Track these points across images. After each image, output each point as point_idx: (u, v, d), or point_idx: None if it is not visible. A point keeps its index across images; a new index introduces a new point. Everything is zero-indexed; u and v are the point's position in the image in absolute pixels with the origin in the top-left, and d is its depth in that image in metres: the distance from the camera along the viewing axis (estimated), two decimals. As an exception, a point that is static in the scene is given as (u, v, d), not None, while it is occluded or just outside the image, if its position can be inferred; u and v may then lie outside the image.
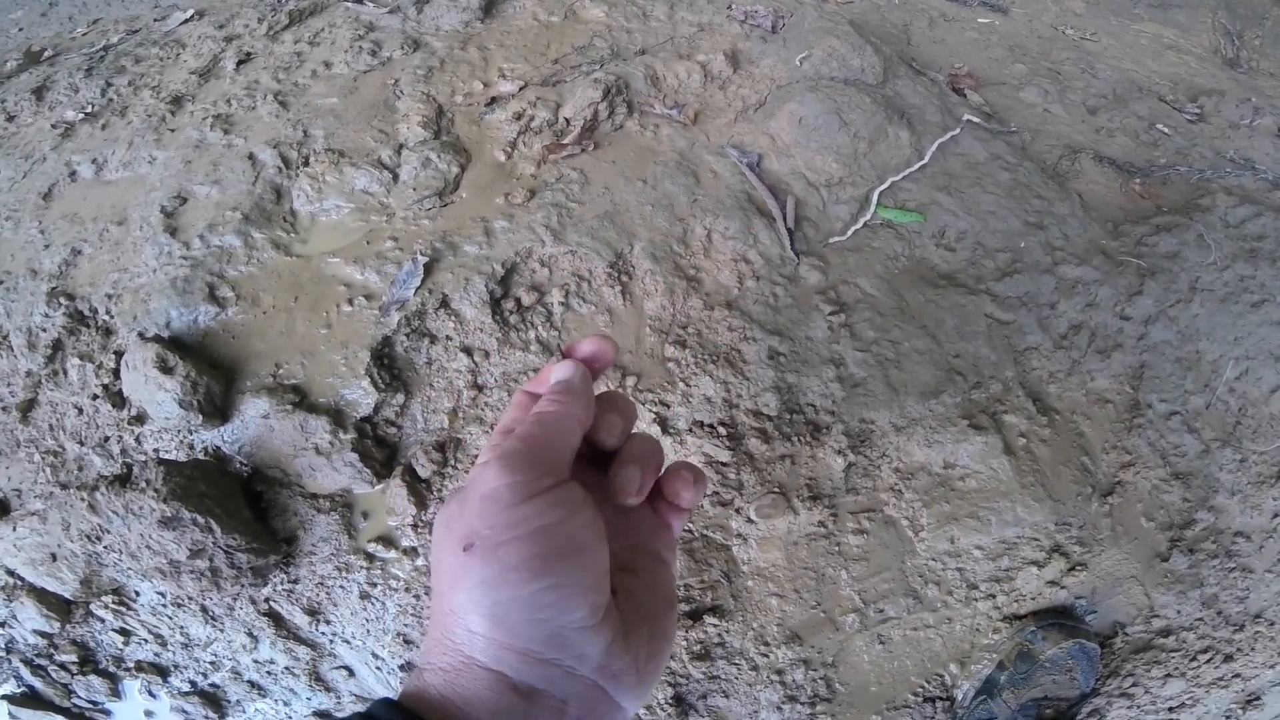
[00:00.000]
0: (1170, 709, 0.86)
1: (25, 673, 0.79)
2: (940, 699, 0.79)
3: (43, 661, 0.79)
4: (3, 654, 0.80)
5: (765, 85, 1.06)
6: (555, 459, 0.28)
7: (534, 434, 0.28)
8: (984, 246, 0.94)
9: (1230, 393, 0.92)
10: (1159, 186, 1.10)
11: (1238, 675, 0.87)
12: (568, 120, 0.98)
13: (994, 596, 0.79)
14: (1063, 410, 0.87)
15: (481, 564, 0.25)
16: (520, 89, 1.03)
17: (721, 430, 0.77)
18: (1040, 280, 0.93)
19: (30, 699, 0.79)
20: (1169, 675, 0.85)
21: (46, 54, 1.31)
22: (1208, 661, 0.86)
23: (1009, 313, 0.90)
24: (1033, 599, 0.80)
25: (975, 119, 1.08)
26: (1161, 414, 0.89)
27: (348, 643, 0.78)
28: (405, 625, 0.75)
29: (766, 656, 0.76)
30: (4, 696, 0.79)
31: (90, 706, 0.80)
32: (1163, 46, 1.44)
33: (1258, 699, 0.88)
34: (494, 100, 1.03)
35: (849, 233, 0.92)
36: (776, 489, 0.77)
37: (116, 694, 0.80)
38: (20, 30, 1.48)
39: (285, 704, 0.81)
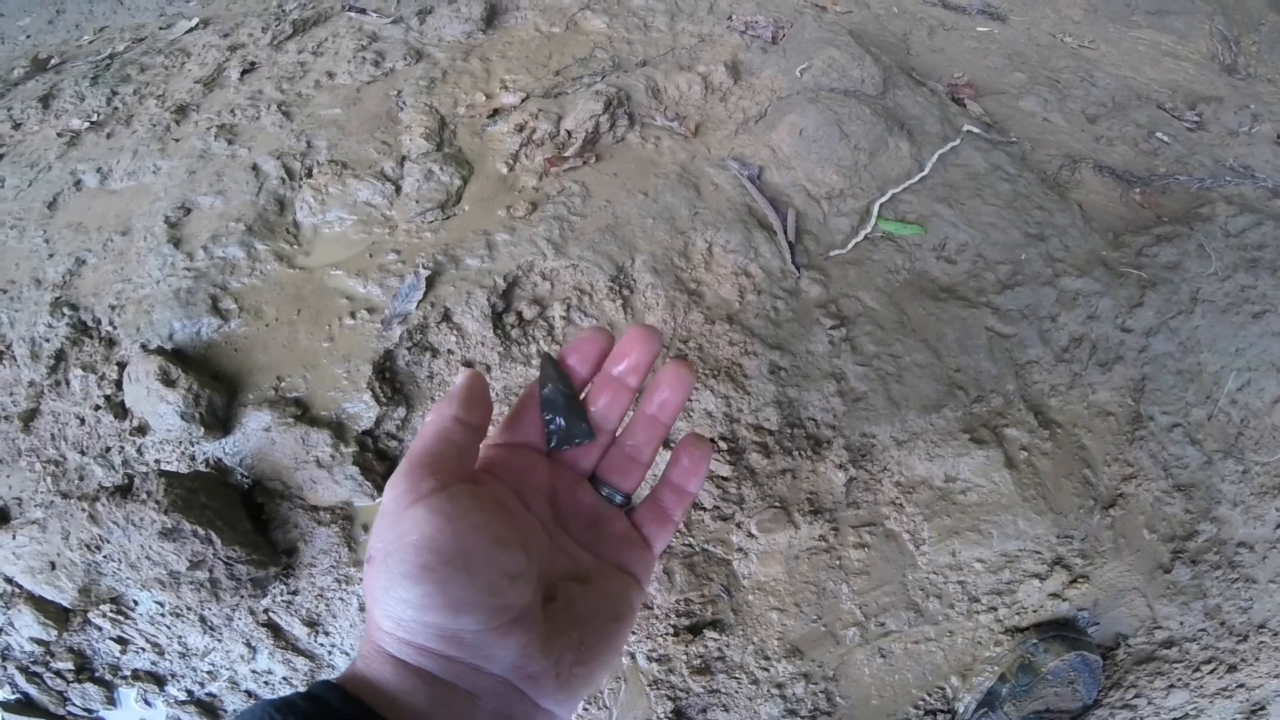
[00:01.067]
0: None
1: (20, 680, 0.79)
2: (941, 712, 0.79)
3: (38, 669, 0.79)
4: None
5: (766, 96, 1.06)
6: (435, 463, 0.28)
7: (413, 445, 0.29)
8: (984, 259, 0.94)
9: (1232, 404, 0.92)
10: (1159, 195, 1.10)
11: (1242, 685, 0.86)
12: (569, 132, 0.98)
13: (995, 609, 0.79)
14: (1064, 423, 0.87)
15: (377, 573, 0.26)
16: (522, 100, 1.04)
17: (722, 444, 0.77)
18: (1041, 292, 0.93)
19: (24, 706, 0.79)
20: (1172, 686, 0.84)
21: (53, 62, 1.32)
22: (1211, 672, 0.85)
23: (1010, 325, 0.90)
24: (1034, 611, 0.80)
25: (975, 129, 1.08)
26: (1163, 426, 0.89)
27: (346, 654, 0.78)
28: (406, 638, 0.75)
29: (767, 670, 0.76)
30: None
31: (85, 715, 0.80)
32: (1161, 53, 1.44)
33: (1262, 709, 0.88)
34: (496, 112, 1.03)
35: (850, 245, 0.92)
36: (777, 503, 0.77)
37: (112, 702, 0.80)
38: (27, 37, 1.49)
39: (284, 716, 0.80)
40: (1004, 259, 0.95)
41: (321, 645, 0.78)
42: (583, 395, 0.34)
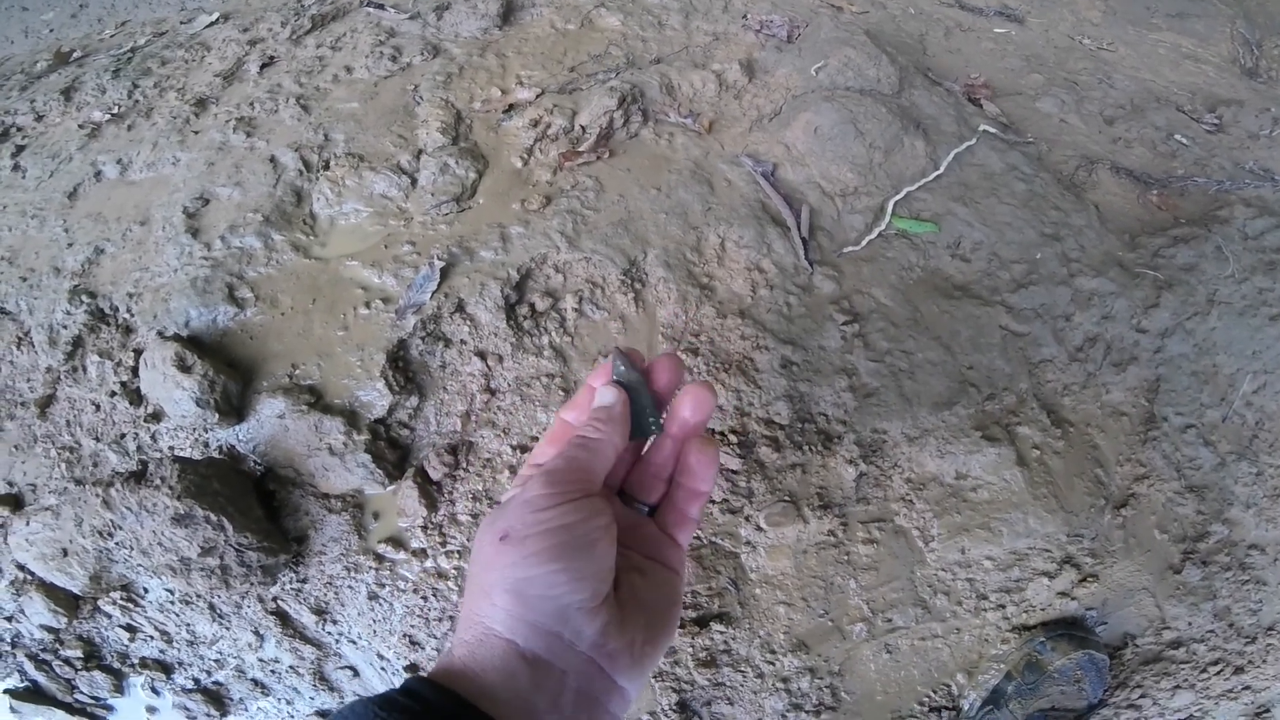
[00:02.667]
0: None
1: (29, 667, 0.79)
2: (946, 709, 0.79)
3: (47, 656, 0.79)
4: (8, 648, 0.80)
5: (780, 95, 1.07)
6: (588, 477, 0.34)
7: (575, 455, 0.34)
8: (999, 257, 0.94)
9: (1247, 406, 0.91)
10: (1176, 198, 1.09)
11: (1248, 687, 0.85)
12: (584, 128, 0.98)
13: (1003, 607, 0.79)
14: (1077, 422, 0.86)
15: (512, 550, 0.30)
16: (537, 96, 1.05)
17: (733, 438, 0.77)
18: (1056, 292, 0.92)
19: (33, 693, 0.80)
20: (1178, 687, 0.84)
21: (75, 55, 1.34)
22: (1218, 673, 0.84)
23: (1024, 324, 0.90)
24: (1043, 610, 0.80)
25: (991, 129, 1.08)
26: (1177, 427, 0.88)
27: (353, 643, 0.78)
28: (412, 627, 0.76)
29: (772, 664, 0.76)
30: (6, 690, 0.79)
31: (92, 702, 0.81)
32: (1181, 56, 1.43)
33: (1267, 711, 0.87)
34: (512, 107, 1.04)
35: (863, 243, 0.92)
36: (787, 497, 0.77)
37: (120, 690, 0.80)
38: (51, 31, 1.52)
39: (288, 703, 0.81)
40: (1019, 258, 0.94)
41: (329, 633, 0.78)
42: None
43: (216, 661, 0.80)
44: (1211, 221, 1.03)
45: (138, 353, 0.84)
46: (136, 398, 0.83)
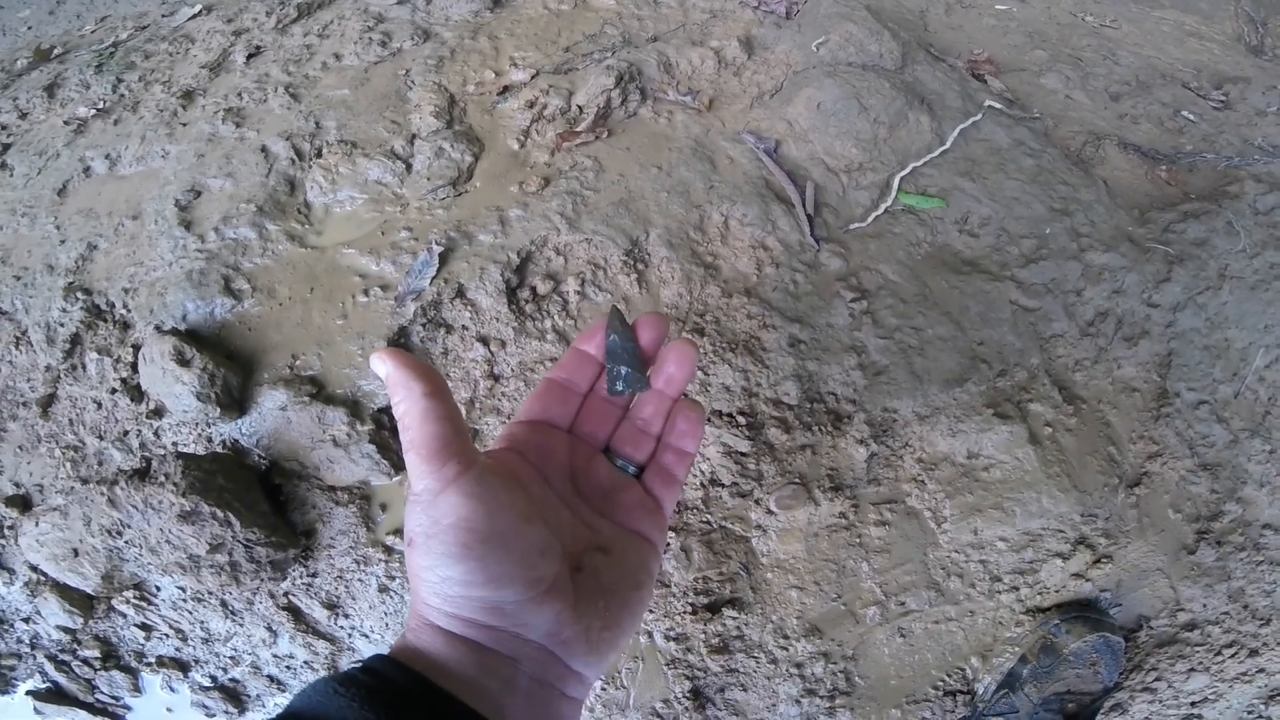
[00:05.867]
0: (1193, 704, 0.85)
1: (49, 668, 0.79)
2: (961, 693, 0.78)
3: (66, 657, 0.79)
4: (27, 650, 0.80)
5: (781, 71, 1.04)
6: (448, 446, 0.29)
7: (416, 432, 0.29)
8: (1008, 232, 0.92)
9: (1260, 381, 0.90)
10: (1185, 173, 1.07)
11: (1262, 670, 0.85)
12: (581, 108, 0.96)
13: (1017, 589, 0.78)
14: (1089, 399, 0.85)
15: (419, 555, 0.28)
16: (532, 77, 1.02)
17: (741, 420, 0.76)
18: (1066, 267, 0.91)
19: (54, 694, 0.80)
20: (1192, 670, 0.83)
21: (56, 52, 1.32)
22: (1232, 656, 0.84)
23: (1034, 299, 0.88)
24: (1057, 592, 0.79)
25: (997, 105, 1.06)
26: (1189, 403, 0.87)
27: (366, 636, 0.78)
28: (423, 617, 0.75)
29: (786, 650, 0.75)
30: (29, 692, 0.80)
31: (112, 702, 0.81)
32: (1184, 34, 1.40)
33: (1281, 695, 0.87)
34: (506, 89, 1.01)
35: (870, 219, 0.90)
36: (797, 479, 0.76)
37: (138, 689, 0.80)
38: (29, 29, 1.49)
39: (304, 698, 0.81)
40: (1028, 233, 0.92)
41: (341, 628, 0.78)
42: None
43: (232, 659, 0.80)
44: (1222, 197, 1.02)
45: (136, 348, 0.82)
46: (137, 394, 0.82)
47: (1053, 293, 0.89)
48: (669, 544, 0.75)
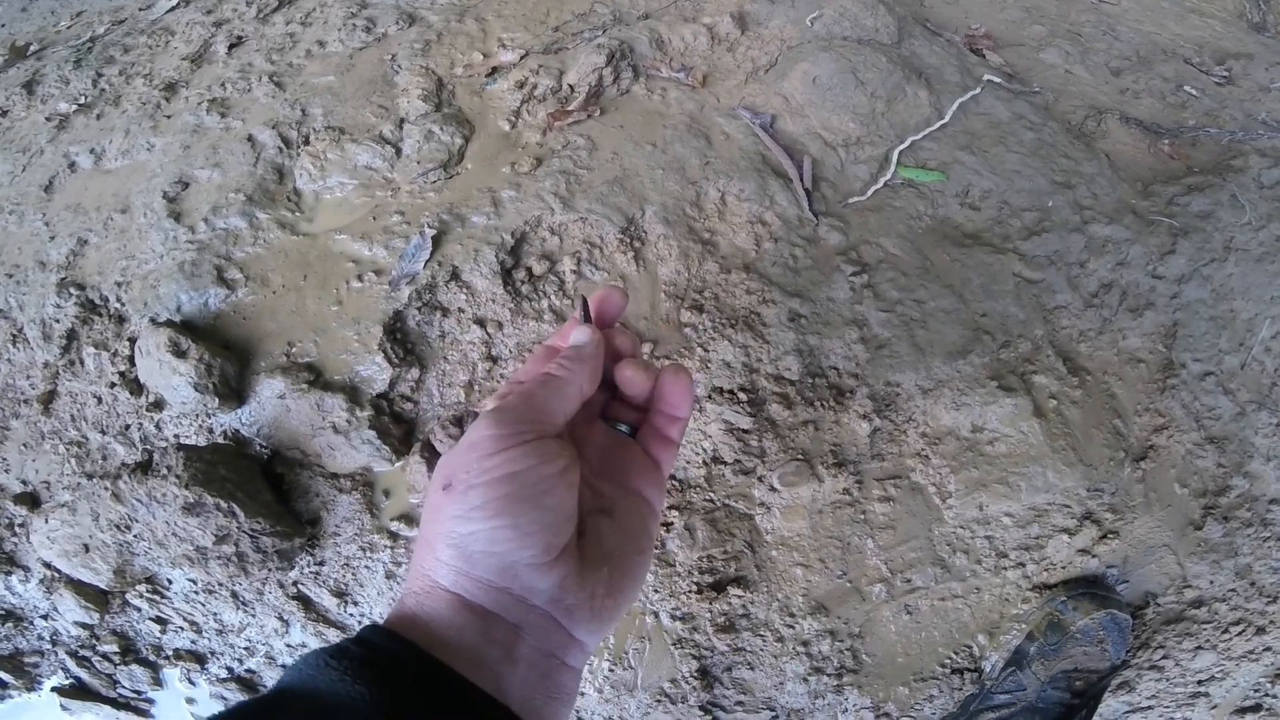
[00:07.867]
0: (1199, 682, 0.84)
1: (71, 664, 0.80)
2: (968, 670, 0.78)
3: (86, 653, 0.80)
4: (49, 646, 0.80)
5: (775, 46, 1.02)
6: (545, 418, 0.31)
7: (533, 393, 0.31)
8: (1010, 205, 0.91)
9: (1266, 352, 0.88)
10: (1188, 148, 1.06)
11: (1269, 649, 0.84)
12: (572, 87, 0.95)
13: (1024, 565, 0.77)
14: (1094, 370, 0.84)
15: (454, 502, 0.28)
16: (521, 58, 1.00)
17: (742, 396, 0.75)
18: (1069, 239, 0.89)
19: (78, 690, 0.80)
20: (1200, 647, 0.83)
21: (32, 48, 1.29)
22: (1239, 634, 0.83)
23: (1037, 271, 0.87)
24: (1063, 568, 0.78)
25: (996, 79, 1.04)
26: (1195, 374, 0.86)
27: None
28: (428, 603, 0.75)
29: (792, 628, 0.75)
30: (54, 689, 0.80)
31: (134, 696, 0.81)
32: (1185, 10, 1.38)
33: (1288, 672, 0.86)
34: (495, 70, 1.00)
35: (869, 192, 0.89)
36: (800, 456, 0.76)
37: (158, 682, 0.81)
38: (2, 26, 1.47)
39: (318, 687, 0.81)
40: (1030, 206, 0.91)
41: (351, 616, 0.78)
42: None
43: (246, 649, 0.80)
44: (1226, 170, 1.00)
45: (132, 341, 0.82)
46: (136, 387, 0.82)
47: (1056, 265, 0.88)
48: (672, 523, 0.74)
